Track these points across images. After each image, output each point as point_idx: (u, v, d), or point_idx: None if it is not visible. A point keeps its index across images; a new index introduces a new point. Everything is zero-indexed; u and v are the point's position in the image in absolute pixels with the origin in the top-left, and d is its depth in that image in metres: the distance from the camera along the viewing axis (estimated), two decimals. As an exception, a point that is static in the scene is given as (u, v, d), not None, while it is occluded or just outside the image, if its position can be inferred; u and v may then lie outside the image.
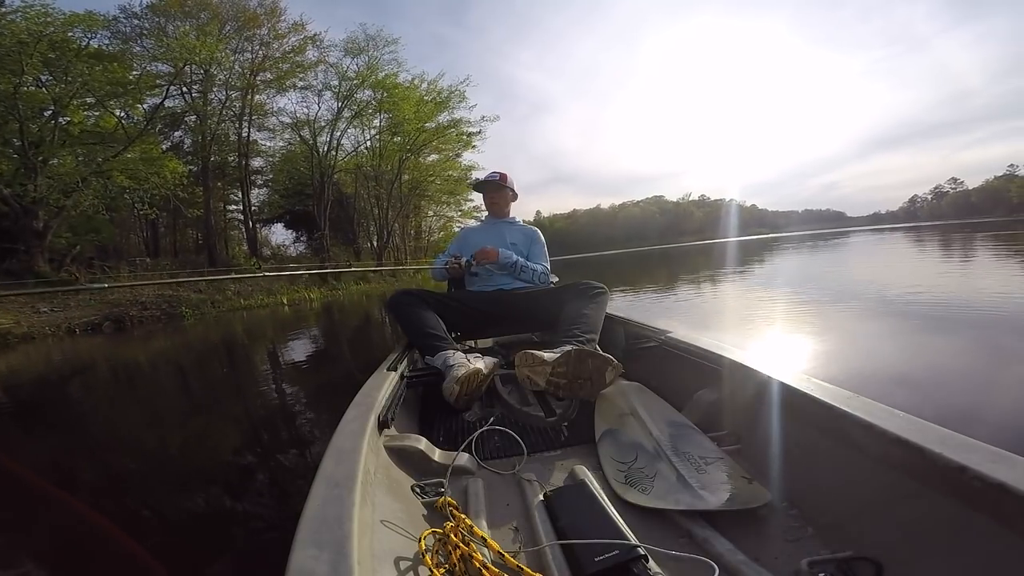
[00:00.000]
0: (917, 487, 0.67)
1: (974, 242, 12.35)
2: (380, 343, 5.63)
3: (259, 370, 4.50)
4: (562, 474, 1.10)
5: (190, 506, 1.77)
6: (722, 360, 1.20)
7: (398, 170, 25.69)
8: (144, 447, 2.57)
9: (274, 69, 21.14)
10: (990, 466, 0.59)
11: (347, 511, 0.65)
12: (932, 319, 3.57)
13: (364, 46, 22.42)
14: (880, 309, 4.13)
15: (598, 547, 0.73)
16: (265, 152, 24.06)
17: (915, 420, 0.73)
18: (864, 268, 8.72)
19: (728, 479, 0.92)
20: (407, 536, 0.77)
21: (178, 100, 19.08)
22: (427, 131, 25.20)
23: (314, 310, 11.70)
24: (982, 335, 2.98)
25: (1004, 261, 7.41)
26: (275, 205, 24.92)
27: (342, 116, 22.80)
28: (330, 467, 0.79)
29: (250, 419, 2.88)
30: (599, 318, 1.81)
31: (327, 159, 22.91)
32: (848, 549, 0.71)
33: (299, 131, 22.70)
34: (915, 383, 2.25)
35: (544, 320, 2.00)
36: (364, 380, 1.34)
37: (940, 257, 9.09)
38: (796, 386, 0.93)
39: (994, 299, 4.00)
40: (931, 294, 4.58)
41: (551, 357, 1.38)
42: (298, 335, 6.95)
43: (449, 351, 1.58)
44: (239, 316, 11.73)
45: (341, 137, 23.77)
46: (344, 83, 22.29)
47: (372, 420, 1.02)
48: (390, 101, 22.94)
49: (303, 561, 0.55)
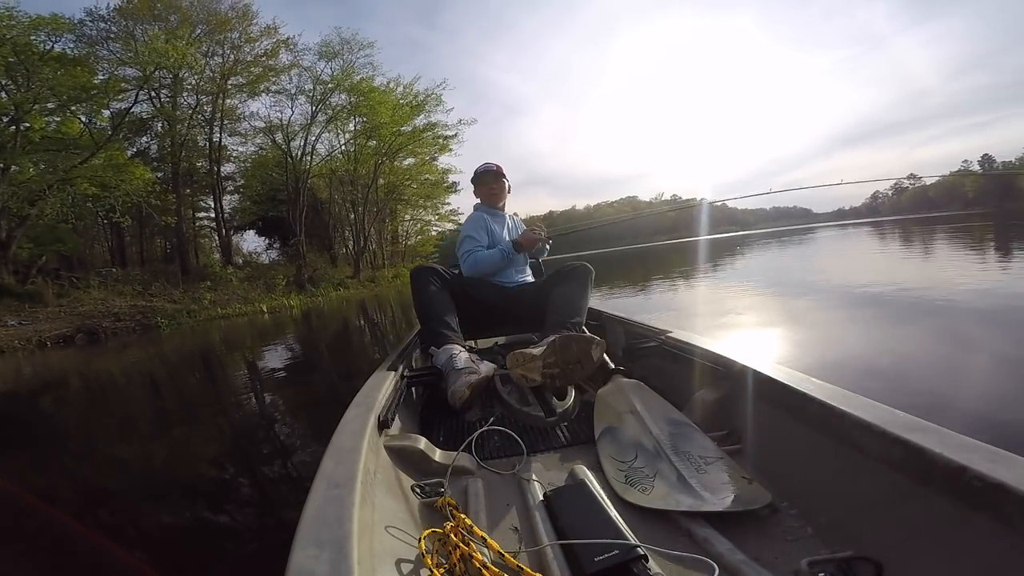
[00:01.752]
0: (917, 487, 0.67)
1: (933, 235, 12.97)
2: (360, 349, 5.62)
3: (239, 379, 4.46)
4: (562, 474, 1.10)
5: (181, 513, 1.78)
6: (722, 360, 1.20)
7: (374, 174, 25.46)
8: (128, 458, 2.54)
9: (246, 73, 20.74)
10: (990, 466, 0.59)
11: (347, 511, 0.65)
12: (896, 308, 3.77)
13: (339, 49, 22.15)
14: (846, 301, 4.35)
15: (598, 547, 0.73)
16: (237, 158, 23.57)
17: (915, 420, 0.73)
18: (830, 262, 9.12)
19: (728, 479, 0.92)
20: (407, 536, 0.77)
21: (146, 105, 18.60)
22: (403, 135, 25.06)
23: (294, 317, 11.55)
24: (942, 322, 3.16)
25: (960, 252, 7.83)
26: (247, 211, 24.37)
27: (316, 120, 22.50)
28: (330, 467, 0.80)
29: (234, 426, 2.86)
30: (582, 297, 1.81)
31: (301, 164, 22.57)
32: (848, 549, 0.71)
33: (272, 135, 22.31)
34: (881, 369, 2.38)
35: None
36: (352, 384, 1.36)
37: (902, 250, 9.57)
38: (796, 386, 0.93)
39: (953, 289, 4.24)
40: (895, 285, 4.83)
41: (539, 351, 1.44)
42: (279, 343, 6.90)
43: (455, 348, 1.57)
44: (217, 325, 11.53)
45: (316, 142, 23.45)
46: (318, 87, 22.01)
47: (372, 420, 1.02)
48: (366, 105, 22.72)
49: (303, 561, 0.55)
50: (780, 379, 0.98)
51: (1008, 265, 5.72)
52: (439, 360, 1.56)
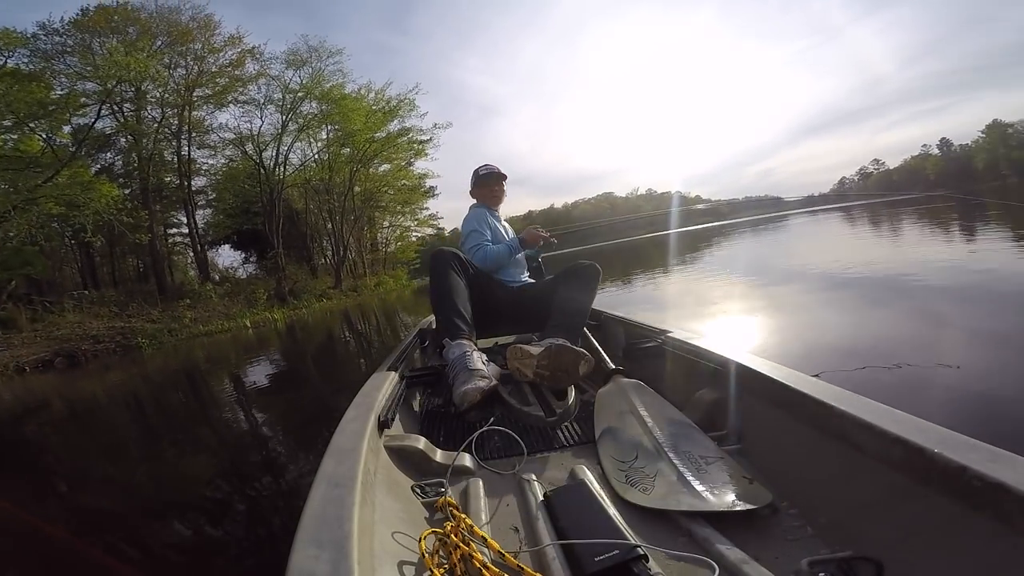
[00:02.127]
0: (917, 487, 0.67)
1: (899, 217, 13.42)
2: (348, 358, 5.56)
3: (228, 395, 4.41)
4: (562, 474, 1.10)
5: (176, 527, 1.80)
6: (723, 360, 1.20)
7: (349, 182, 25.21)
8: (122, 475, 2.54)
9: (211, 84, 20.30)
10: (990, 466, 0.59)
11: (347, 511, 0.66)
12: (869, 289, 3.90)
13: (307, 58, 21.88)
14: (823, 285, 4.47)
15: (598, 547, 0.73)
16: (208, 171, 23.04)
17: (915, 420, 0.73)
18: (804, 248, 9.39)
19: (729, 479, 0.92)
20: (407, 536, 0.77)
21: (109, 120, 18.11)
22: (377, 141, 24.87)
23: (279, 331, 11.40)
24: (913, 301, 3.27)
25: (925, 233, 8.16)
26: (221, 226, 23.83)
27: (288, 130, 22.16)
28: (330, 467, 0.80)
29: (226, 441, 2.86)
30: (587, 297, 1.83)
31: (275, 174, 22.21)
32: (848, 549, 0.71)
33: (243, 147, 21.89)
34: (859, 347, 2.45)
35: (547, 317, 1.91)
36: (343, 394, 1.36)
37: (870, 234, 9.90)
38: (796, 386, 0.93)
39: (922, 267, 4.43)
40: (866, 266, 5.02)
41: (536, 351, 1.49)
42: (266, 358, 6.82)
43: (469, 346, 1.55)
44: (200, 343, 11.31)
45: (289, 152, 23.10)
46: (287, 96, 21.68)
47: (372, 420, 1.02)
48: (338, 112, 22.49)
49: (303, 561, 0.55)
50: (780, 379, 0.98)
51: (971, 244, 5.96)
52: (451, 353, 1.54)
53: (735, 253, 10.92)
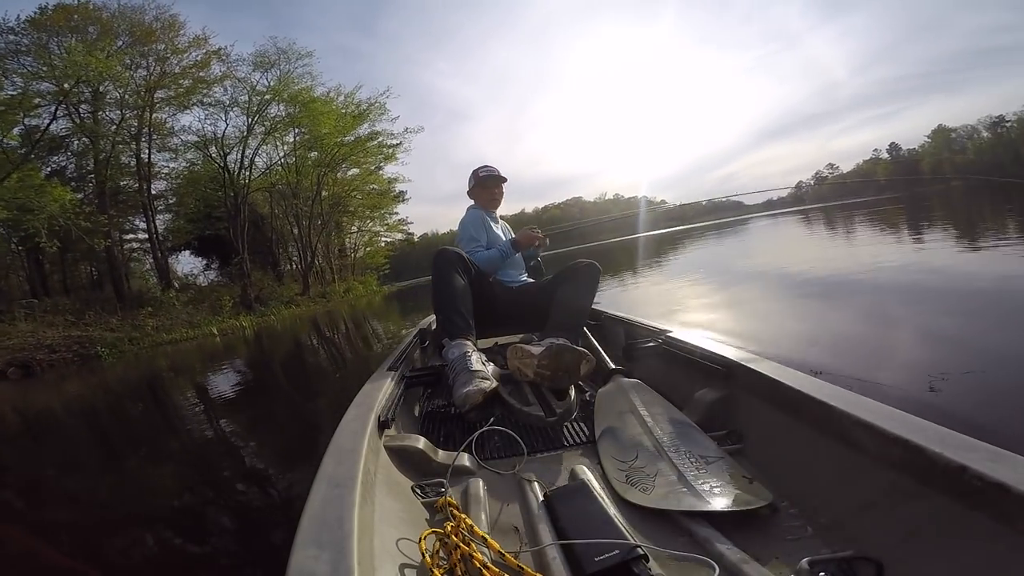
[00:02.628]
0: (917, 487, 0.67)
1: (852, 220, 14.13)
2: (319, 368, 5.46)
3: (195, 405, 4.29)
4: (562, 474, 1.10)
5: (150, 539, 1.76)
6: (723, 360, 1.20)
7: (317, 186, 24.85)
8: (89, 488, 2.48)
9: (174, 85, 19.80)
10: (990, 466, 0.59)
11: (347, 511, 0.66)
12: (825, 288, 4.11)
13: (275, 60, 21.59)
14: (783, 285, 4.68)
15: (598, 547, 0.73)
16: (168, 174, 22.43)
17: (915, 420, 0.73)
18: (764, 250, 9.84)
19: (729, 479, 0.92)
20: (407, 536, 0.77)
21: (64, 122, 17.43)
22: (346, 145, 24.62)
23: (247, 338, 11.18)
24: (865, 297, 3.49)
25: (876, 234, 8.68)
26: (181, 231, 23.11)
27: (254, 132, 21.73)
28: (330, 467, 0.80)
29: (195, 451, 2.79)
30: (588, 297, 1.85)
31: (239, 178, 21.72)
32: (848, 549, 0.72)
33: (206, 150, 21.34)
34: (817, 343, 2.58)
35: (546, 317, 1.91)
36: (318, 402, 1.32)
37: (826, 236, 10.43)
38: (796, 386, 0.94)
39: (873, 268, 4.70)
40: (822, 267, 5.27)
41: (537, 351, 1.51)
42: (235, 366, 6.68)
43: (469, 346, 1.55)
44: (164, 351, 11.00)
45: (255, 155, 22.65)
46: (255, 98, 21.29)
47: (372, 420, 1.02)
48: (307, 115, 22.19)
49: (303, 561, 0.56)
50: (780, 379, 0.99)
51: (919, 244, 6.34)
52: (451, 353, 1.54)
53: (700, 256, 11.29)
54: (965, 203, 15.65)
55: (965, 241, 5.73)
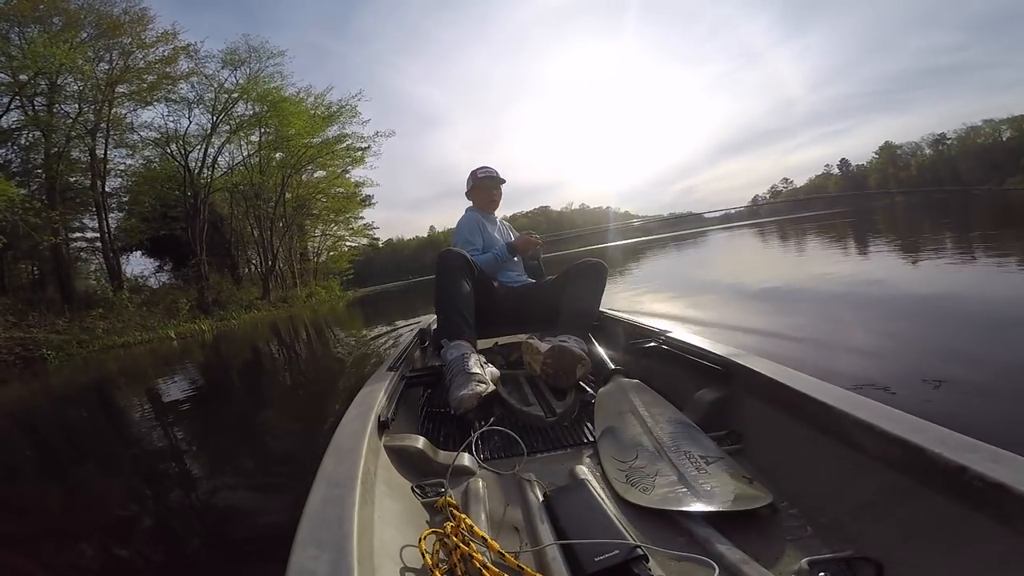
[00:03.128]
0: (917, 487, 0.68)
1: (804, 233, 14.87)
2: (278, 374, 5.31)
3: (148, 412, 4.05)
4: (562, 474, 1.10)
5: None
6: (723, 360, 1.20)
7: (282, 188, 24.38)
8: (33, 499, 2.33)
9: (137, 80, 19.10)
10: (990, 466, 0.59)
11: (347, 511, 0.66)
12: (777, 297, 4.35)
13: (246, 57, 21.16)
14: (739, 294, 4.90)
15: (598, 547, 0.73)
16: (124, 171, 21.40)
17: (915, 420, 0.73)
18: (722, 261, 10.33)
19: (729, 479, 0.92)
20: (407, 536, 0.77)
21: (16, 114, 16.63)
22: (313, 147, 24.28)
23: (206, 342, 10.84)
24: (816, 305, 3.76)
25: (826, 247, 9.23)
26: (134, 230, 22.18)
27: (218, 131, 21.19)
28: (330, 467, 0.80)
29: (149, 461, 2.65)
30: (595, 296, 1.88)
31: (200, 178, 21.10)
32: (848, 549, 0.72)
33: (166, 147, 20.65)
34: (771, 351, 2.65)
35: (552, 317, 1.93)
36: (290, 408, 1.28)
37: (779, 248, 11.03)
38: (796, 386, 0.95)
39: (824, 278, 5.01)
40: (776, 279, 5.51)
41: (544, 348, 1.59)
42: (193, 371, 6.44)
43: (467, 348, 1.55)
44: (116, 355, 10.55)
45: (218, 154, 22.07)
46: (221, 96, 20.78)
47: (372, 420, 1.02)
48: (276, 115, 21.79)
49: (303, 561, 0.56)
50: (780, 379, 1.00)
51: (865, 256, 6.79)
52: (449, 354, 1.54)
53: (664, 266, 11.70)
54: (907, 217, 16.83)
55: (904, 252, 6.26)
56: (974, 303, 3.02)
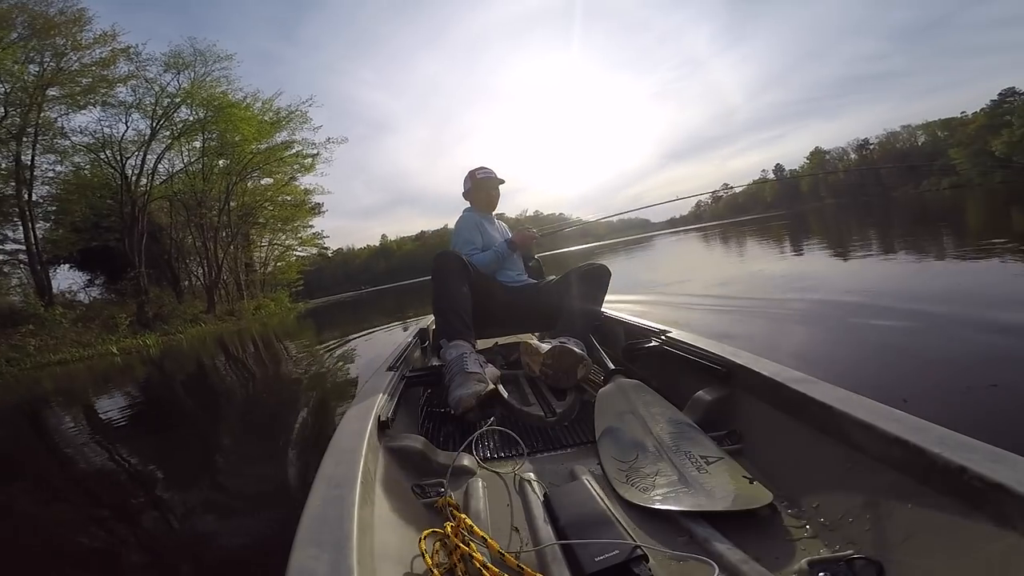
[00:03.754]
0: (917, 487, 0.68)
1: (743, 236, 15.72)
2: (230, 388, 5.18)
3: (93, 433, 3.82)
4: (562, 474, 1.10)
5: None
6: (723, 360, 1.20)
7: (226, 196, 23.54)
8: None
9: (71, 83, 18.17)
10: (990, 466, 0.59)
11: (347, 511, 0.66)
12: (719, 303, 4.45)
13: (191, 61, 20.42)
14: (686, 294, 5.07)
15: (598, 547, 0.73)
16: (54, 179, 20.05)
17: (915, 420, 0.74)
18: (670, 264, 10.88)
19: (729, 479, 0.92)
20: (407, 536, 0.78)
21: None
22: (260, 153, 23.61)
23: (152, 358, 10.47)
24: (755, 301, 4.02)
25: (762, 248, 10.00)
26: (63, 242, 20.66)
27: (159, 137, 20.27)
28: (330, 467, 0.80)
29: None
30: (598, 298, 1.88)
31: (139, 186, 20.09)
32: (848, 549, 0.71)
33: (100, 153, 19.50)
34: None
35: (552, 317, 1.93)
36: (248, 425, 1.27)
37: (722, 251, 11.71)
38: (796, 386, 0.94)
39: (760, 283, 5.26)
40: (719, 280, 5.79)
41: (544, 349, 1.59)
42: (129, 390, 6.22)
43: (467, 347, 1.55)
44: (51, 373, 10.21)
45: (158, 161, 21.08)
46: (163, 99, 19.95)
47: (372, 420, 1.02)
48: (224, 120, 21.10)
49: (303, 561, 0.56)
50: (780, 379, 0.99)
51: (798, 257, 7.26)
52: (448, 354, 1.54)
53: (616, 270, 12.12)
54: (836, 219, 18.41)
55: (831, 251, 7.02)
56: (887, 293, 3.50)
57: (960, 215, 11.00)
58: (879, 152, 78.25)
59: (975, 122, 53.68)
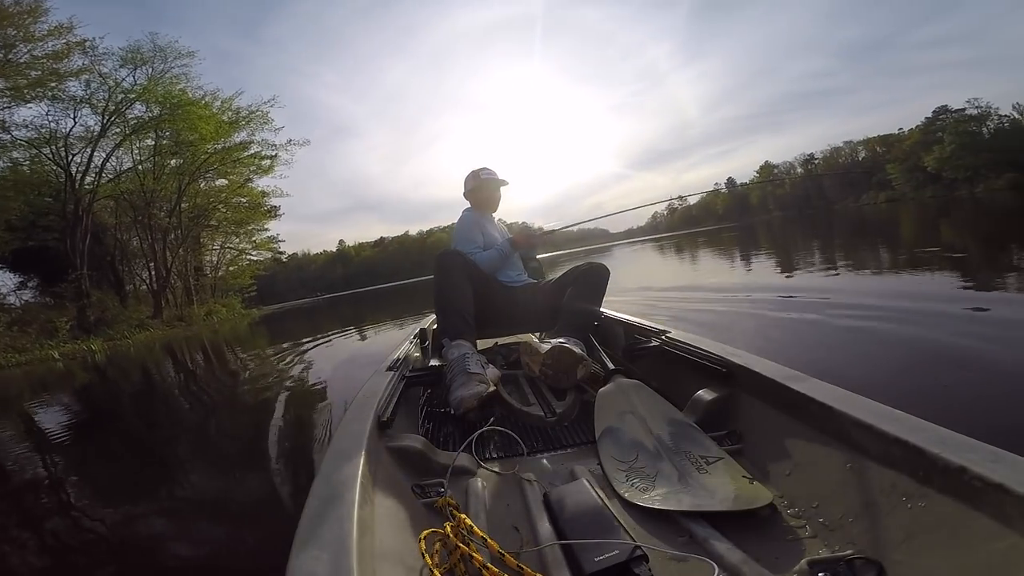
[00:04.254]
0: (917, 487, 0.68)
1: (696, 246, 16.56)
2: (175, 396, 5.06)
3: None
4: (562, 474, 1.10)
5: None
6: (723, 360, 1.20)
7: (178, 196, 22.68)
8: None
9: (17, 76, 17.41)
10: (990, 466, 0.59)
11: (347, 511, 0.66)
12: (678, 305, 4.75)
13: (150, 57, 19.89)
14: (648, 300, 5.30)
15: (598, 547, 0.73)
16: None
17: (915, 420, 0.74)
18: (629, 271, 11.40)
19: (729, 479, 0.92)
20: (407, 536, 0.78)
21: None
22: (216, 153, 22.90)
23: (98, 363, 10.09)
24: (712, 303, 4.37)
25: (714, 257, 10.60)
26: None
27: (108, 134, 19.37)
28: (330, 467, 0.80)
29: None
30: (596, 299, 1.87)
31: (83, 184, 19.12)
32: (848, 549, 0.71)
33: (43, 148, 18.68)
34: None
35: (552, 317, 1.93)
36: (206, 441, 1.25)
37: (677, 260, 12.38)
38: (796, 386, 0.94)
39: (717, 287, 5.63)
40: (678, 288, 6.05)
41: (544, 349, 1.58)
42: (72, 395, 6.10)
43: (467, 348, 1.55)
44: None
45: (107, 159, 20.20)
46: (116, 95, 19.27)
47: (372, 420, 1.02)
48: (181, 118, 20.52)
49: (303, 561, 0.56)
50: (780, 379, 0.99)
51: (750, 267, 7.71)
52: (450, 353, 1.54)
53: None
54: (783, 231, 19.28)
55: (777, 260, 7.59)
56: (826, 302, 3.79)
57: (895, 227, 12.09)
58: (823, 167, 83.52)
59: (910, 138, 56.20)
